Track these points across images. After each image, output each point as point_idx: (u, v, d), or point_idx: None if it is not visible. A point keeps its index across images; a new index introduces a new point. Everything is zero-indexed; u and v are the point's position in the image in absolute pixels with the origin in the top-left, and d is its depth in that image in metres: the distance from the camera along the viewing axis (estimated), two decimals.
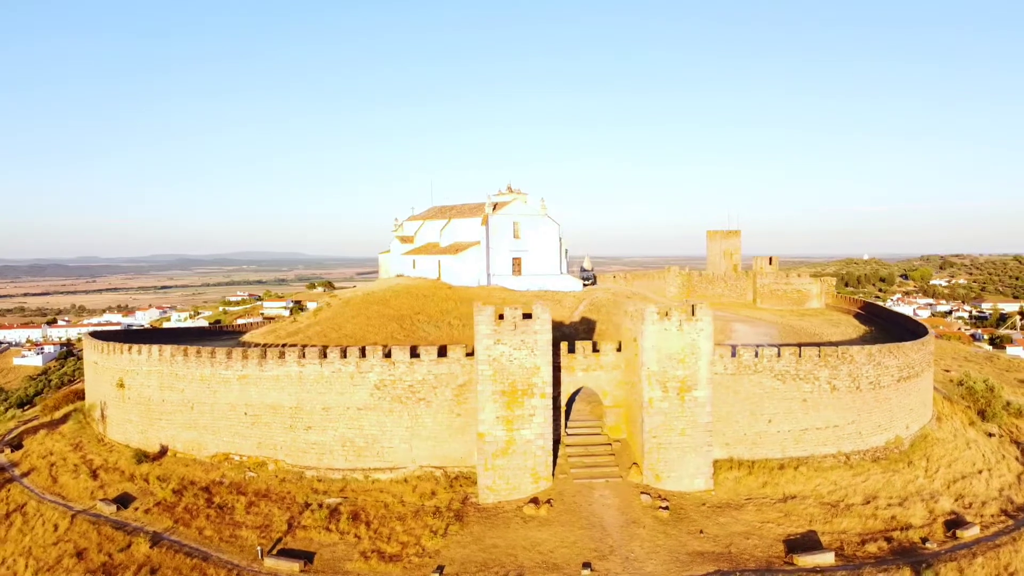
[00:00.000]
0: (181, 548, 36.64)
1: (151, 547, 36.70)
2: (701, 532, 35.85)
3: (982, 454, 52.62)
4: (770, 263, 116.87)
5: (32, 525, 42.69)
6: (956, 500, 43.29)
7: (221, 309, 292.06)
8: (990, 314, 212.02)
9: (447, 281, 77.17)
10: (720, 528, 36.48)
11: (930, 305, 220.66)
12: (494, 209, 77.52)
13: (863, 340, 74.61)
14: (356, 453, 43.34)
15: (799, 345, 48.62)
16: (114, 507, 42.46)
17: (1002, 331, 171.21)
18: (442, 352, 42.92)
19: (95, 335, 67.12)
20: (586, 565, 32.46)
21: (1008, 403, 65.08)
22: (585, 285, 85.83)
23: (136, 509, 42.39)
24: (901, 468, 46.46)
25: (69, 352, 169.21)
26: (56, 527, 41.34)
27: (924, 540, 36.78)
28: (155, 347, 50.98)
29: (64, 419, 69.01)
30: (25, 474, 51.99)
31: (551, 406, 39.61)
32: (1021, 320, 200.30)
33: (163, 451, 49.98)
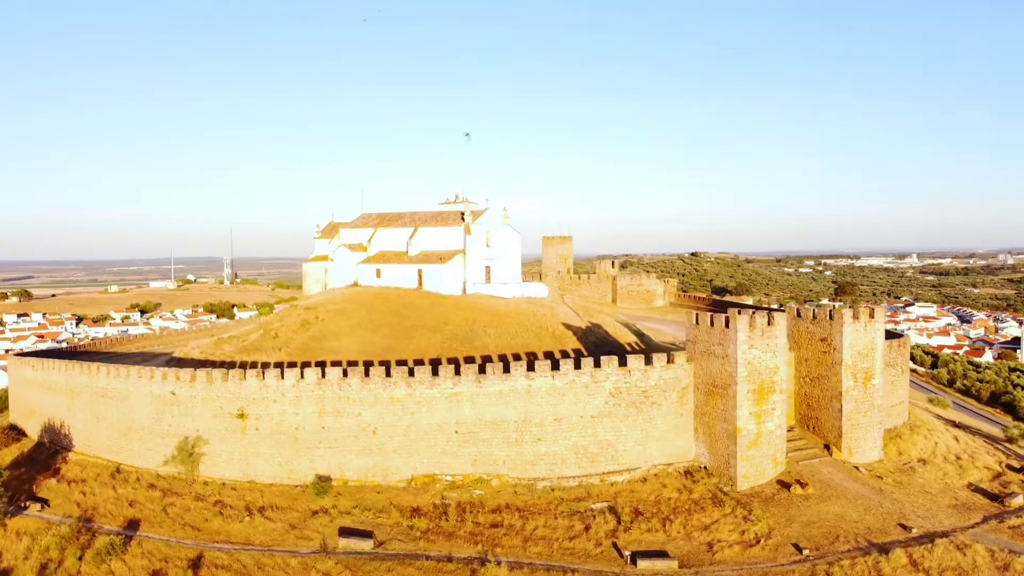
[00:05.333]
0: (534, 567, 36.82)
1: (510, 571, 36.35)
2: (927, 491, 44.77)
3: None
4: (613, 266, 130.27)
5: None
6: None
7: None
8: None
9: (430, 289, 77.65)
10: (930, 486, 45.71)
11: None
12: (473, 218, 79.51)
13: None
14: (590, 459, 45.53)
15: None
16: (370, 542, 40.05)
17: None
18: (669, 359, 46.80)
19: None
20: (903, 526, 39.58)
21: None
22: None
23: (400, 540, 40.45)
24: (932, 432, 59.51)
25: None
26: (324, 572, 38.16)
27: None
28: (309, 370, 47.58)
29: (23, 463, 58.68)
30: (130, 527, 45.33)
31: (786, 400, 45.89)
32: None
33: (324, 481, 46.82)
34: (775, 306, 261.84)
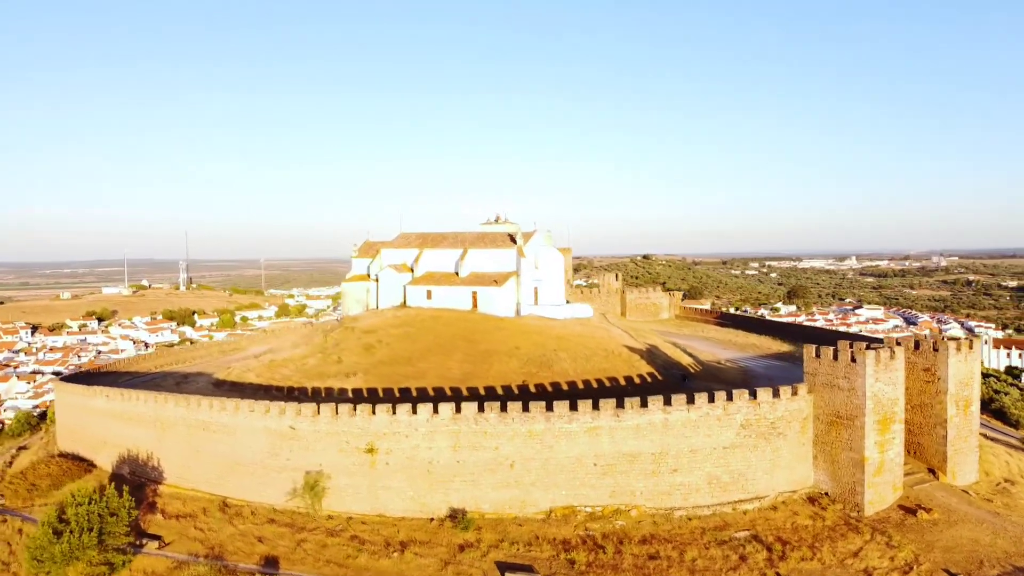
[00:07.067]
0: None
1: None
2: None
3: None
4: (616, 279, 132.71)
5: None
6: None
7: None
8: None
9: (484, 312, 78.49)
10: None
11: None
12: (524, 240, 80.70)
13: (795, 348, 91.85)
14: (722, 488, 47.34)
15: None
16: None
17: None
18: (794, 391, 48.94)
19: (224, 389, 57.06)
20: None
21: None
22: None
23: (565, 575, 41.56)
24: (994, 450, 63.09)
25: None
26: None
27: None
28: (443, 405, 48.21)
29: None
30: (268, 565, 45.46)
31: (903, 429, 48.51)
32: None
33: (455, 515, 47.56)
34: (733, 309, 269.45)
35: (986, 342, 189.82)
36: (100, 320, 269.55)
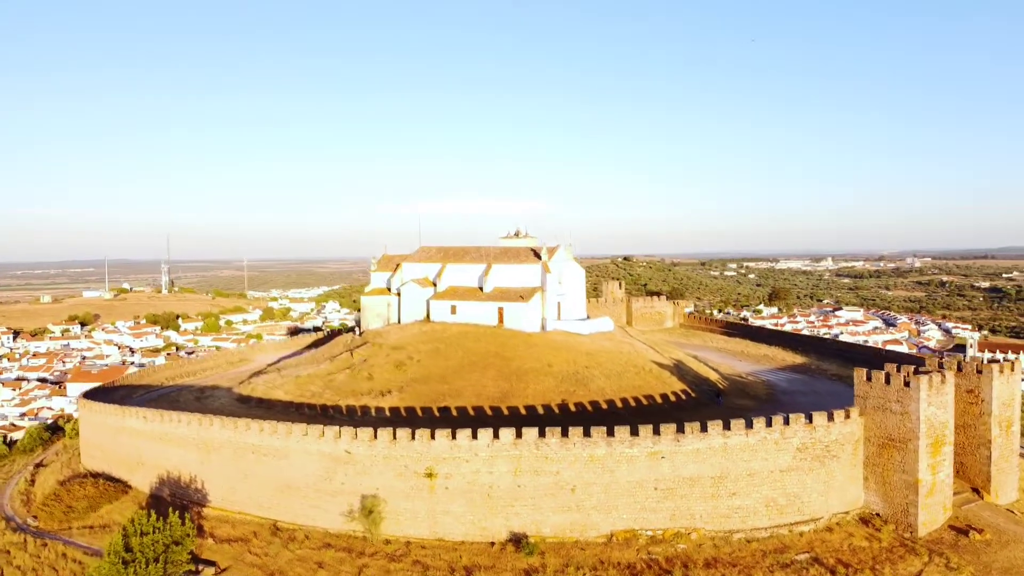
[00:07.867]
0: None
1: None
2: None
3: None
4: (620, 287, 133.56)
5: None
6: None
7: None
8: None
9: (511, 327, 78.79)
10: None
11: None
12: (549, 256, 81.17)
13: (816, 362, 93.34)
14: (778, 511, 48.16)
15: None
16: None
17: None
18: (847, 414, 49.90)
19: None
20: None
21: None
22: None
23: None
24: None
25: None
26: None
27: None
28: (504, 430, 48.56)
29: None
30: None
31: (952, 451, 49.69)
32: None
33: (515, 539, 47.98)
34: (716, 311, 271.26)
35: (970, 346, 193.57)
36: (83, 325, 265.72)
